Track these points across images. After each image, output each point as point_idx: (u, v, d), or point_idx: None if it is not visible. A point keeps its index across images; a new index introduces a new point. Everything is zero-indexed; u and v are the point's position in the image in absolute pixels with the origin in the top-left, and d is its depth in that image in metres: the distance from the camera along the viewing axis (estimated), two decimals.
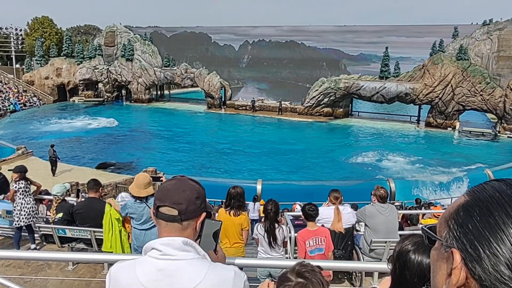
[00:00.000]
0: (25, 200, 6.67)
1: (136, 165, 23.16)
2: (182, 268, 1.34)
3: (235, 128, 36.10)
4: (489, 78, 33.20)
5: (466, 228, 0.66)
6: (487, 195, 0.67)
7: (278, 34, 44.79)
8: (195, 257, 1.37)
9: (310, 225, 4.86)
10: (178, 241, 1.35)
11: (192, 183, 1.47)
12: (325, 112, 39.10)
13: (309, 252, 4.79)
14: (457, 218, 0.69)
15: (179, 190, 1.40)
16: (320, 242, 4.80)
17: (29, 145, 24.07)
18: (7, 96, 44.10)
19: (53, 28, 63.78)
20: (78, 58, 49.32)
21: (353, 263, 4.75)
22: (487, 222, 0.63)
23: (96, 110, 42.82)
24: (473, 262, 0.63)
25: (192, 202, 1.41)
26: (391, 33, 39.47)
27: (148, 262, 1.36)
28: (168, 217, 1.38)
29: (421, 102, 35.86)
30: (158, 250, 1.36)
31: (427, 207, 11.87)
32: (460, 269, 0.65)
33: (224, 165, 24.53)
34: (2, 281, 3.16)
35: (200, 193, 1.46)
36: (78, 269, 5.79)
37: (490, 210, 0.64)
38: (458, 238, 0.67)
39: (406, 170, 23.85)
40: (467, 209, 0.68)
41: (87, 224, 5.85)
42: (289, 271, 1.60)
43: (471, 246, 0.64)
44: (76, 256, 4.45)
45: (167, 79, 47.23)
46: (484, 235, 0.63)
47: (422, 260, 1.38)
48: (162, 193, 1.42)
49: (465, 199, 0.70)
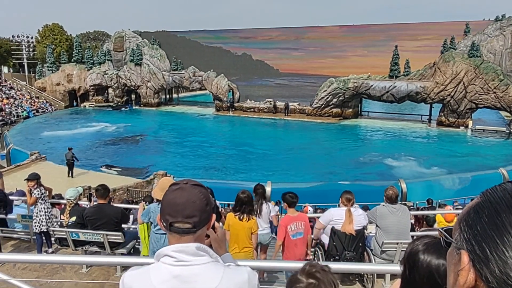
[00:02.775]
0: (44, 205, 6.82)
1: (147, 169, 23.34)
2: (197, 274, 1.34)
3: (243, 130, 36.17)
4: (502, 75, 32.60)
5: (475, 229, 0.66)
6: (498, 197, 0.67)
7: (284, 35, 44.65)
8: (209, 261, 1.38)
9: (291, 211, 5.26)
10: (192, 247, 1.35)
11: (198, 190, 1.43)
12: (334, 112, 38.90)
13: (292, 236, 5.15)
14: (468, 219, 0.69)
15: (189, 202, 1.37)
16: (300, 226, 5.22)
17: (42, 151, 24.48)
18: (20, 103, 44.94)
19: (63, 35, 64.95)
20: (88, 64, 50.08)
21: (364, 265, 4.72)
22: (494, 224, 0.63)
23: (106, 115, 43.35)
24: (481, 264, 0.63)
25: (203, 211, 1.39)
26: (400, 31, 39.03)
27: (163, 269, 1.36)
28: (183, 230, 1.36)
29: (432, 101, 35.42)
30: (171, 257, 1.35)
31: (440, 207, 11.70)
32: (468, 270, 0.65)
33: (233, 167, 24.57)
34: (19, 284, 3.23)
35: (208, 198, 1.44)
36: (91, 272, 5.87)
37: (498, 211, 0.64)
38: (468, 240, 0.67)
39: (418, 170, 23.57)
40: (477, 210, 0.68)
41: (99, 229, 5.94)
42: (299, 272, 1.59)
43: (479, 247, 0.64)
44: (90, 259, 4.52)
45: (176, 83, 47.61)
46: (491, 236, 0.62)
47: (431, 261, 1.37)
48: (172, 208, 1.37)
49: (477, 201, 0.71)
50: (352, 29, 42.12)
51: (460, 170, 21.77)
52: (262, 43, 45.11)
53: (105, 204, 6.09)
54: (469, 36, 36.91)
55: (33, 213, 6.83)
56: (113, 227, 5.93)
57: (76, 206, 6.62)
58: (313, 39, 42.80)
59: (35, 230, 6.74)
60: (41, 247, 6.82)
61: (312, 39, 42.87)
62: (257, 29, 47.05)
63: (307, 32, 43.76)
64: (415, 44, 38.27)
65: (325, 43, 41.98)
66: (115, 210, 6.13)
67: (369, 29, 40.96)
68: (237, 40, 46.56)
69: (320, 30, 43.26)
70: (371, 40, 40.02)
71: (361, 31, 41.23)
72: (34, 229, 6.77)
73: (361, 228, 5.15)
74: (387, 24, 40.96)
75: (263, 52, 45.24)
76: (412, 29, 38.92)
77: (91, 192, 11.88)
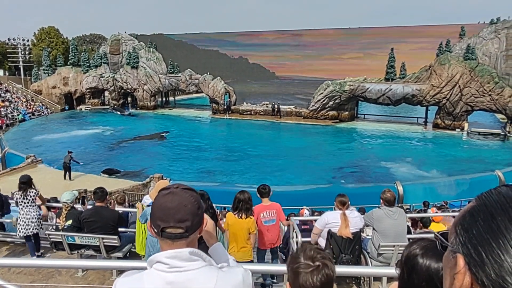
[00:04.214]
0: (24, 210, 6.69)
1: (143, 172, 23.25)
2: (192, 279, 1.33)
3: (240, 133, 36.16)
4: (497, 78, 32.84)
5: (471, 233, 0.66)
6: (493, 200, 0.67)
7: (280, 38, 44.75)
8: (203, 265, 1.37)
9: (264, 201, 5.96)
10: (185, 252, 1.33)
11: (189, 193, 1.40)
12: (330, 115, 39.01)
13: (264, 223, 5.84)
14: (463, 223, 0.69)
15: (181, 206, 1.34)
16: (273, 214, 5.91)
17: (38, 154, 24.34)
18: (16, 106, 44.72)
19: (59, 38, 64.86)
20: (84, 67, 49.95)
21: (361, 268, 4.72)
22: (489, 227, 0.63)
23: (102, 118, 43.21)
24: (477, 267, 0.63)
25: (195, 214, 1.37)
26: (396, 34, 39.25)
27: (156, 276, 1.33)
28: (175, 235, 1.33)
29: (428, 104, 35.60)
30: (164, 264, 1.32)
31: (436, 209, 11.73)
32: (463, 274, 0.65)
33: (229, 170, 24.51)
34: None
35: (199, 201, 1.42)
36: (87, 276, 5.84)
37: (493, 215, 0.64)
38: (464, 243, 0.67)
39: (414, 172, 23.64)
40: (472, 214, 0.68)
41: (95, 232, 5.91)
42: (301, 254, 1.58)
43: (475, 251, 0.64)
44: (86, 263, 4.48)
45: (172, 86, 47.58)
46: (486, 240, 0.62)
47: (430, 265, 1.36)
48: (163, 213, 1.34)
49: (472, 205, 0.71)
50: (348, 32, 42.33)
51: (456, 173, 21.87)
52: (258, 46, 45.20)
53: (102, 207, 6.07)
54: (464, 39, 37.17)
55: (19, 215, 6.72)
56: (110, 231, 5.90)
57: (73, 209, 6.58)
58: (309, 42, 42.95)
59: (21, 234, 6.63)
60: (34, 250, 6.76)
61: (308, 42, 43.01)
62: (254, 32, 47.17)
63: (303, 35, 43.91)
64: (411, 47, 38.49)
65: (321, 46, 42.11)
66: (112, 213, 6.10)
67: (365, 32, 41.19)
68: (233, 43, 46.65)
69: (316, 33, 43.43)
70: (367, 43, 40.22)
71: (357, 34, 41.45)
72: (20, 233, 6.64)
73: (357, 230, 5.15)
74: (383, 27, 41.18)
75: (260, 55, 45.33)
76: (408, 32, 39.15)
77: (84, 195, 11.80)
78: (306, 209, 9.16)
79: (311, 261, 1.54)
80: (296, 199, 13.68)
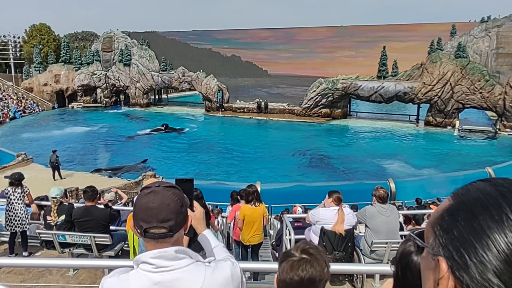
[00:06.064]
0: (9, 207, 6.72)
1: (135, 170, 23.10)
2: (179, 278, 1.31)
3: (233, 130, 36.10)
4: (488, 76, 33.20)
5: (451, 234, 0.62)
6: (471, 198, 0.64)
7: (273, 36, 44.69)
8: (190, 263, 1.34)
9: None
10: (171, 251, 1.30)
11: (171, 191, 1.35)
12: (323, 113, 39.13)
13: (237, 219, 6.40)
14: (443, 223, 0.65)
15: (163, 205, 1.30)
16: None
17: (29, 152, 24.04)
18: (6, 104, 44.12)
19: (50, 35, 63.95)
20: (76, 64, 49.42)
21: (354, 265, 4.73)
22: (471, 227, 0.60)
23: (94, 116, 42.82)
24: (460, 270, 0.59)
25: (178, 213, 1.33)
26: (388, 32, 39.42)
27: (142, 276, 1.31)
28: (158, 235, 1.30)
29: (420, 101, 35.88)
30: (150, 264, 1.30)
31: (427, 206, 11.82)
32: (447, 278, 0.62)
33: (223, 168, 24.48)
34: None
35: (182, 198, 1.38)
36: (78, 275, 5.77)
37: (475, 213, 0.61)
38: (445, 245, 0.63)
39: (406, 169, 23.82)
40: (451, 213, 0.65)
41: (86, 231, 5.86)
42: (293, 248, 1.60)
43: (457, 253, 0.60)
44: (77, 263, 4.43)
45: (165, 83, 47.31)
46: (469, 241, 0.59)
47: None
48: (145, 213, 1.29)
49: (449, 203, 0.67)
50: (340, 30, 42.39)
51: (448, 169, 22.08)
52: (251, 44, 45.11)
53: (93, 206, 6.01)
54: (455, 37, 37.46)
55: (5, 212, 6.71)
56: (101, 229, 5.86)
57: (62, 204, 6.50)
58: (302, 40, 42.95)
59: (8, 229, 6.66)
60: (13, 248, 6.72)
61: (301, 40, 43.01)
62: (246, 30, 47.05)
63: (296, 33, 43.89)
64: (402, 45, 38.67)
65: (314, 44, 42.14)
66: (103, 212, 6.04)
67: (358, 30, 41.27)
68: (226, 41, 46.49)
69: (309, 31, 43.41)
70: (359, 41, 40.33)
71: (349, 32, 41.52)
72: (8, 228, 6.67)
73: (350, 227, 5.16)
74: (375, 25, 41.31)
75: (252, 54, 45.24)
76: (400, 30, 39.34)
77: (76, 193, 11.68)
78: (299, 206, 9.18)
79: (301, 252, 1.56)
80: (289, 196, 13.71)
